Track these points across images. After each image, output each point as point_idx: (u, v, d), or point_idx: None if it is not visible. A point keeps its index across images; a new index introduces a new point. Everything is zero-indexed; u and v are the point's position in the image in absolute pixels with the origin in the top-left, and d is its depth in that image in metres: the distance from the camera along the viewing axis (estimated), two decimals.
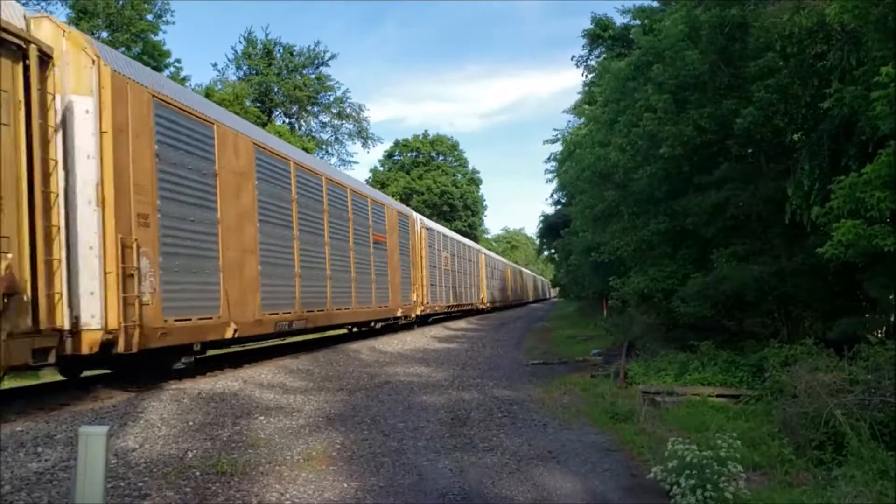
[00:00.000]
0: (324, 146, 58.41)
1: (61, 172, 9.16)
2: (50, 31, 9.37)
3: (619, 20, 28.17)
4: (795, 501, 6.11)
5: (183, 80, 40.79)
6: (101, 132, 9.48)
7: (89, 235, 9.30)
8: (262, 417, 9.53)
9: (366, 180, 68.82)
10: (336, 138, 59.36)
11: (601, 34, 30.27)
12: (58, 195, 9.08)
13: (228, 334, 12.38)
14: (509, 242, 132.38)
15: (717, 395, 10.72)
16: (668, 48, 13.55)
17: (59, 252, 9.01)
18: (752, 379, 11.09)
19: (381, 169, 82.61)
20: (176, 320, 10.84)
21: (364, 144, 61.34)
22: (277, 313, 14.52)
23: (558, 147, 41.70)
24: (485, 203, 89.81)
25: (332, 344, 19.27)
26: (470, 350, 20.80)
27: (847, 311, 11.52)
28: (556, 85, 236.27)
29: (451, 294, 34.78)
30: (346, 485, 6.81)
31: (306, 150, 41.02)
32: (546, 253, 63.19)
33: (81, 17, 35.07)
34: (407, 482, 6.93)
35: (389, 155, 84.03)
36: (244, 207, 13.37)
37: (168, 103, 11.13)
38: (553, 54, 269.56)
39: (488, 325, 35.89)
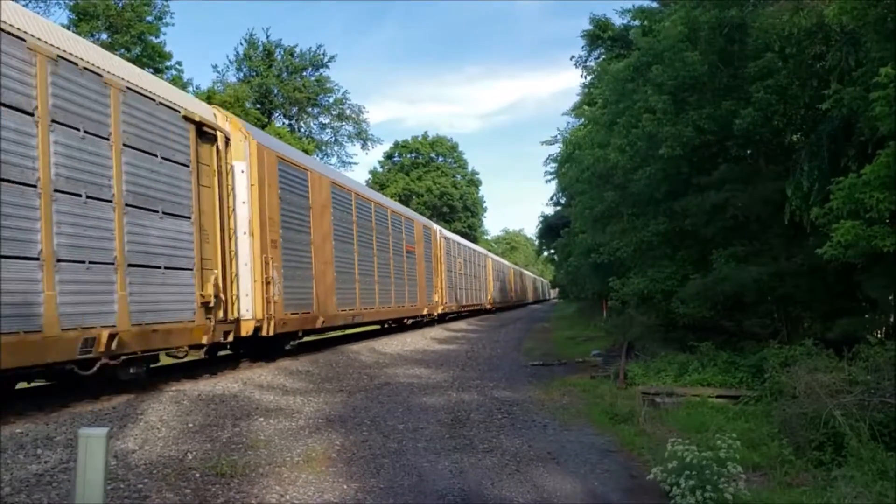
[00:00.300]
0: (323, 147, 58.46)
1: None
2: (220, 118, 13.36)
3: (619, 21, 28.15)
4: (795, 502, 6.11)
5: (185, 84, 40.81)
6: (251, 185, 13.65)
7: (246, 256, 13.49)
8: (262, 419, 9.54)
9: (365, 181, 68.94)
10: (336, 140, 59.43)
11: (600, 35, 30.24)
12: (233, 230, 13.13)
13: (318, 324, 16.79)
14: (509, 243, 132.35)
15: (717, 396, 10.72)
16: (667, 49, 13.56)
17: (234, 268, 13.07)
18: (751, 379, 11.09)
19: (381, 170, 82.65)
20: (290, 314, 15.04)
21: (364, 146, 61.39)
22: (346, 309, 18.86)
23: (557, 148, 41.76)
24: (484, 204, 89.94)
25: (331, 345, 19.27)
26: (470, 351, 20.81)
27: (847, 311, 11.52)
28: (555, 86, 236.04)
29: (464, 295, 38.59)
30: (345, 486, 6.81)
31: (306, 151, 41.03)
32: (546, 254, 63.23)
33: (81, 19, 35.06)
34: (407, 483, 6.93)
35: (389, 156, 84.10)
36: (325, 230, 17.66)
37: (284, 160, 15.47)
38: (552, 55, 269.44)
39: (488, 325, 35.90)
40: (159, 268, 10.71)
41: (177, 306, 11.13)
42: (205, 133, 12.27)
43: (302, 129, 56.48)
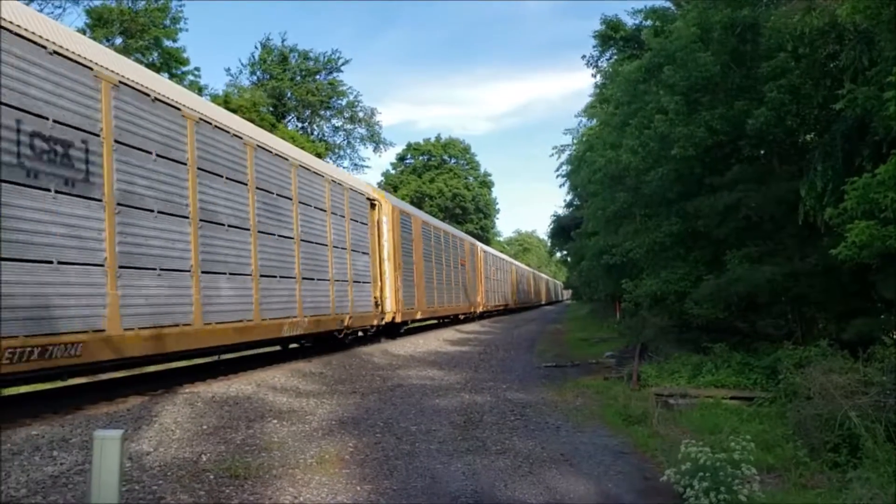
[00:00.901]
0: (336, 150, 58.59)
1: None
2: (376, 193, 22.21)
3: (630, 21, 28.02)
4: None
5: (200, 89, 40.99)
6: (390, 230, 22.46)
7: (387, 273, 22.00)
8: (276, 421, 9.56)
9: (378, 184, 69.08)
10: (348, 142, 59.55)
11: (612, 36, 30.10)
12: (382, 258, 21.80)
13: (418, 316, 26.17)
14: (521, 245, 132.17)
15: (731, 397, 10.68)
16: (679, 50, 13.53)
17: (382, 281, 21.55)
18: (765, 381, 11.04)
19: (393, 172, 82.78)
20: (406, 309, 23.89)
21: (376, 148, 61.50)
22: (430, 307, 28.04)
23: (568, 154, 41.72)
24: (497, 206, 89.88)
25: (344, 348, 19.31)
26: (482, 353, 20.79)
27: (861, 312, 11.45)
28: (565, 86, 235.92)
29: (496, 296, 47.59)
30: (359, 488, 6.82)
31: (319, 155, 41.11)
32: (558, 255, 63.18)
33: (97, 24, 35.28)
34: (420, 485, 6.93)
35: (401, 158, 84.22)
36: (419, 254, 26.67)
37: (402, 211, 24.76)
38: (562, 56, 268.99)
39: (501, 327, 35.87)
40: (362, 282, 19.38)
41: (366, 303, 19.73)
42: (371, 203, 21.06)
43: (315, 132, 56.65)
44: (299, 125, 55.74)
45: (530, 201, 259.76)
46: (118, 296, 9.33)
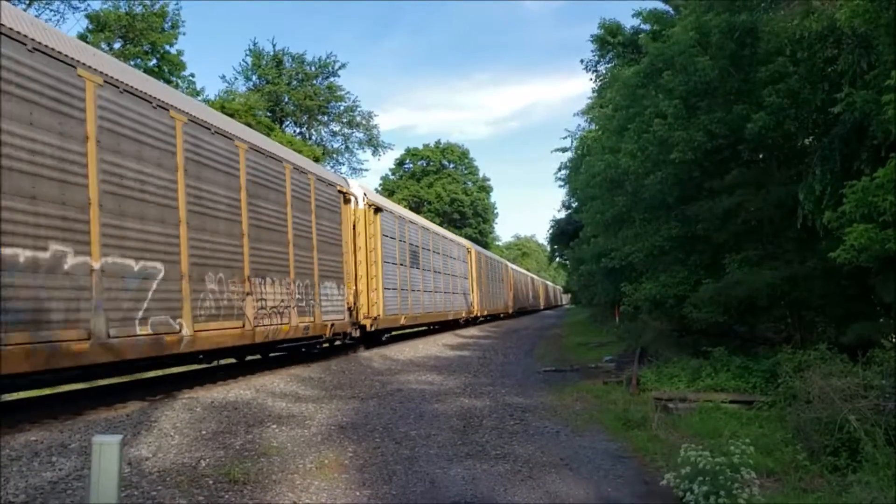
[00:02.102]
0: (334, 155, 58.59)
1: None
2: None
3: (630, 23, 28.04)
4: None
5: (197, 93, 40.99)
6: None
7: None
8: (275, 426, 9.55)
9: (375, 189, 69.12)
10: (346, 147, 59.54)
11: (610, 40, 30.10)
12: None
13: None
14: (520, 249, 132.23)
15: (730, 401, 10.66)
16: (677, 54, 13.54)
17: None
18: (765, 384, 11.03)
19: (392, 177, 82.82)
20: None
21: (374, 152, 61.49)
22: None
23: (569, 155, 41.70)
24: (496, 210, 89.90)
25: (343, 353, 19.29)
26: (482, 357, 20.77)
27: (861, 315, 11.45)
28: (565, 91, 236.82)
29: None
30: (358, 493, 6.81)
31: (317, 159, 41.12)
32: (558, 260, 63.23)
33: (96, 29, 35.29)
34: (419, 490, 6.92)
35: (400, 163, 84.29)
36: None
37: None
38: (561, 61, 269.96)
39: (500, 332, 35.86)
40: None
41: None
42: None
43: (313, 137, 56.65)
44: (297, 130, 55.76)
45: (529, 206, 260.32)
46: None
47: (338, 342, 18.57)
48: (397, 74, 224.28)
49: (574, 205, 41.45)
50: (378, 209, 22.00)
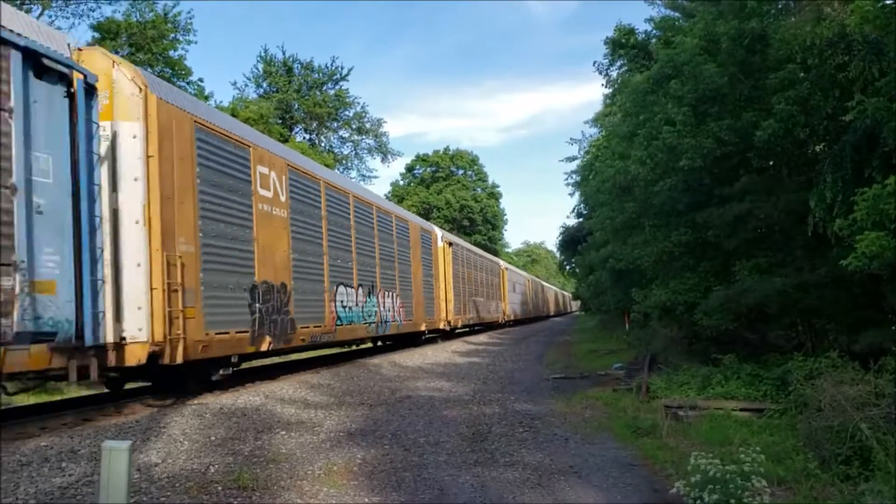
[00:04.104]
0: (344, 161, 58.67)
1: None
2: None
3: (643, 27, 28.07)
4: None
5: (206, 97, 41.13)
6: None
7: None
8: (284, 432, 9.56)
9: (385, 195, 69.22)
10: (356, 153, 59.62)
11: (623, 43, 30.12)
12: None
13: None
14: (529, 256, 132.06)
15: (741, 409, 10.62)
16: (686, 62, 13.51)
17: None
18: (775, 392, 10.96)
19: (402, 183, 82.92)
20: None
21: (384, 159, 61.54)
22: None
23: (576, 164, 41.70)
24: (505, 217, 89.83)
25: (352, 359, 19.30)
26: (491, 364, 20.75)
27: (872, 322, 11.38)
28: (575, 99, 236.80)
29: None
30: (367, 500, 6.81)
31: (327, 166, 41.21)
32: (568, 268, 63.16)
33: (106, 37, 35.47)
34: (428, 497, 6.91)
35: (410, 169, 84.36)
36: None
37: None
38: (571, 69, 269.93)
39: (509, 339, 35.81)
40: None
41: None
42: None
43: (323, 144, 56.76)
44: (307, 136, 55.89)
45: (539, 213, 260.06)
46: None
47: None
48: (407, 81, 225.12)
49: (585, 212, 41.38)
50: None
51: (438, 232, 30.72)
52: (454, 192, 78.53)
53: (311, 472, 7.70)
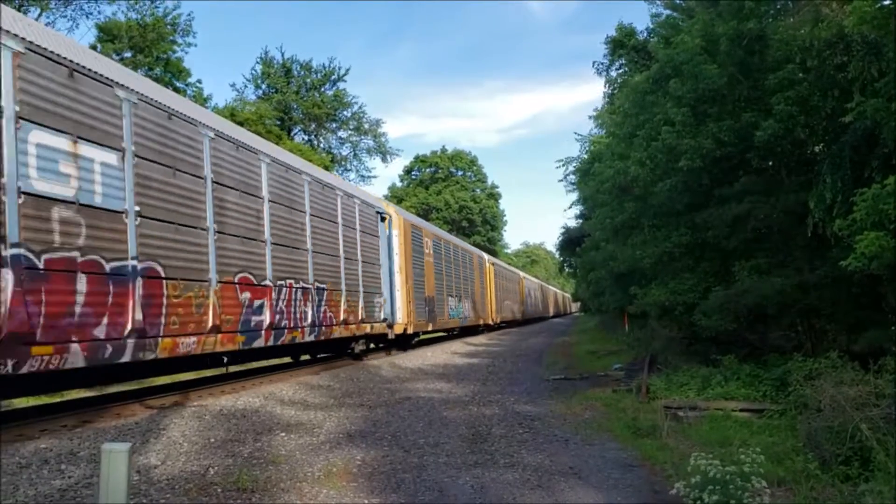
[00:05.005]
0: (343, 162, 58.66)
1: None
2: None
3: (644, 25, 28.16)
4: None
5: (204, 100, 41.15)
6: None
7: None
8: (283, 434, 9.55)
9: (384, 196, 69.22)
10: (355, 154, 59.61)
11: (624, 43, 30.20)
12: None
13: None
14: (529, 256, 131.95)
15: (741, 410, 10.62)
16: (685, 62, 13.51)
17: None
18: (775, 393, 10.96)
19: (401, 185, 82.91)
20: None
21: (383, 159, 61.49)
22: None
23: (573, 165, 41.63)
24: (504, 217, 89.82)
25: (352, 360, 19.28)
26: (490, 365, 20.74)
27: (872, 323, 11.37)
28: (575, 99, 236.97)
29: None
30: (367, 501, 6.80)
31: (326, 167, 41.21)
32: (567, 269, 63.11)
33: (107, 39, 35.50)
34: (428, 498, 6.91)
35: (409, 170, 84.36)
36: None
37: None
38: (571, 69, 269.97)
39: (509, 339, 35.81)
40: None
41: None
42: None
43: (321, 145, 56.75)
44: (305, 138, 55.90)
45: (539, 213, 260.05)
46: None
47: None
48: (407, 82, 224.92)
49: (584, 212, 41.37)
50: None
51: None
52: (453, 193, 78.55)
53: (310, 473, 7.69)
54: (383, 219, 21.82)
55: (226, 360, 12.54)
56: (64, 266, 8.45)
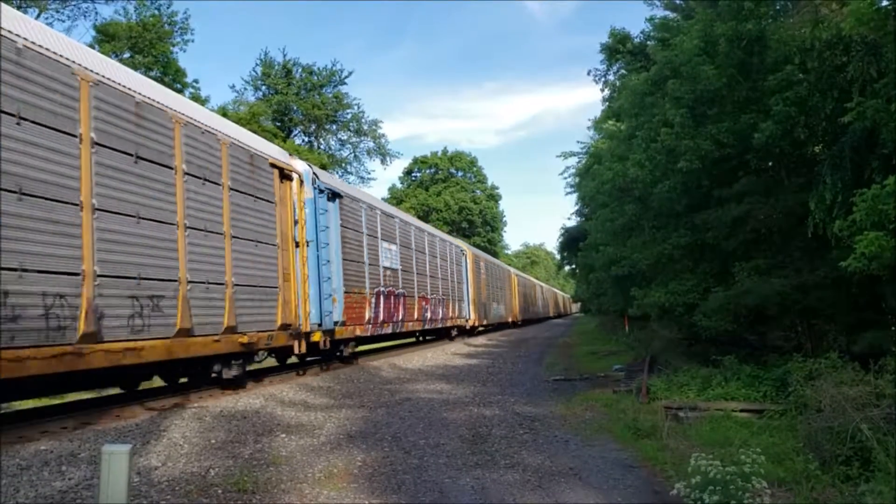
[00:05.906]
0: (343, 164, 58.60)
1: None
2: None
3: (640, 27, 28.14)
4: None
5: (203, 101, 41.14)
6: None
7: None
8: (284, 435, 9.55)
9: (383, 198, 69.14)
10: (355, 156, 59.56)
11: (619, 49, 30.10)
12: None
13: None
14: (529, 258, 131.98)
15: (741, 410, 10.61)
16: (684, 63, 13.52)
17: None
18: (775, 393, 10.96)
19: (400, 186, 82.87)
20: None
21: (383, 161, 61.42)
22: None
23: (574, 161, 41.71)
24: (504, 218, 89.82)
25: (352, 361, 19.28)
26: (491, 366, 20.74)
27: (872, 324, 11.37)
28: (573, 100, 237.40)
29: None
30: (367, 502, 6.80)
31: (323, 167, 41.21)
32: (567, 268, 63.06)
33: (105, 39, 35.50)
34: (428, 499, 6.91)
35: (408, 172, 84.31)
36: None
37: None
38: (570, 70, 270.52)
39: (509, 340, 35.81)
40: None
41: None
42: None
43: (321, 146, 56.73)
44: (305, 139, 55.89)
45: (539, 214, 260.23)
46: None
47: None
48: (406, 83, 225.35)
49: (584, 213, 41.43)
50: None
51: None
52: (453, 195, 78.52)
53: (311, 474, 7.69)
54: (462, 252, 35.60)
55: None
56: None
